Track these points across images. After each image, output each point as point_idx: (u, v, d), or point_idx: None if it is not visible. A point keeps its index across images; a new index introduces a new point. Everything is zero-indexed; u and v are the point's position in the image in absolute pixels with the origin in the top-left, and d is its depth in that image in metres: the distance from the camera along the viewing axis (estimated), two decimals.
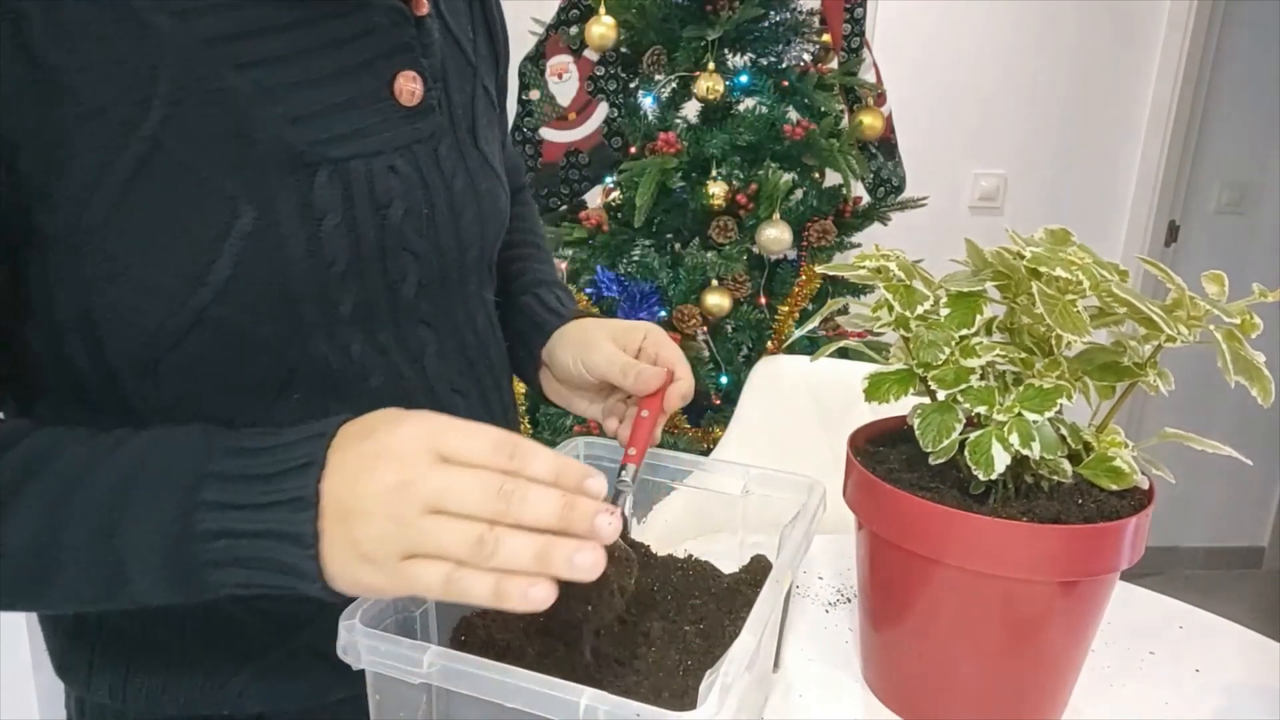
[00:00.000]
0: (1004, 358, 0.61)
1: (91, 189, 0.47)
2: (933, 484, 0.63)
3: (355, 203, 0.55)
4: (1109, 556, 0.59)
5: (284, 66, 0.52)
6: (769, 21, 1.75)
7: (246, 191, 0.51)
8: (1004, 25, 2.52)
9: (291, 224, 0.52)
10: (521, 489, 0.43)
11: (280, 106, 0.52)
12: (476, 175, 0.65)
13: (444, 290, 0.64)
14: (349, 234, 0.55)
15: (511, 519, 0.43)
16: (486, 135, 0.68)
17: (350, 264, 0.56)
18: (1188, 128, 2.66)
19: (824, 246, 1.77)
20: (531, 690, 0.45)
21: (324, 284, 0.55)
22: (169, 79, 0.48)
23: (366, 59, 0.56)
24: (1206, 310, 0.58)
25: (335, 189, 0.54)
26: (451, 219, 0.63)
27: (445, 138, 0.62)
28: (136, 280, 0.49)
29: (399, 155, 0.58)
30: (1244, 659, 0.76)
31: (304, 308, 0.55)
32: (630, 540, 0.72)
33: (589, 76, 1.77)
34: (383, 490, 0.43)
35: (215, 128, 0.50)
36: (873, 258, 0.65)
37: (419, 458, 0.43)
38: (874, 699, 0.69)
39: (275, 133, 0.51)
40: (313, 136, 0.53)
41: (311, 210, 0.53)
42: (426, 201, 0.60)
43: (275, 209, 0.52)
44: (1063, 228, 0.65)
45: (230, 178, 0.50)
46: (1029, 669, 0.62)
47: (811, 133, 1.70)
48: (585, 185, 1.83)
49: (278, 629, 0.62)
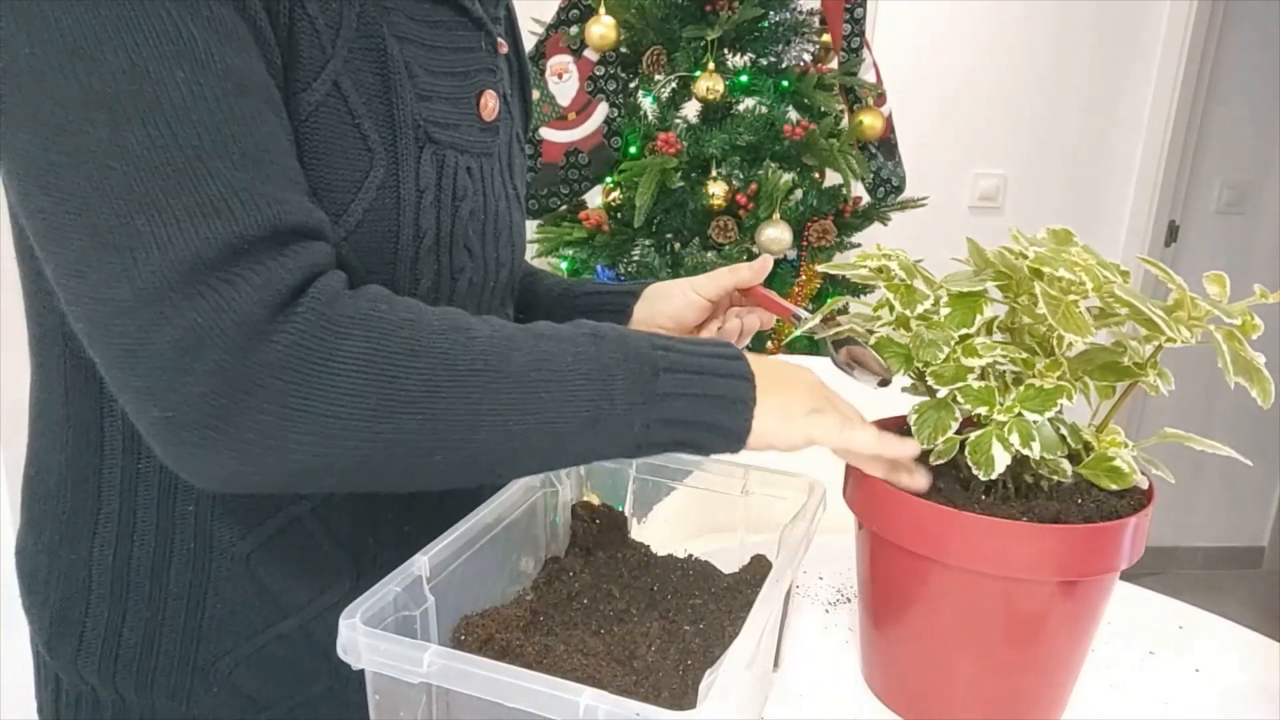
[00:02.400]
0: (1004, 357, 0.61)
1: (291, 97, 0.52)
2: (932, 484, 0.63)
3: (443, 188, 0.61)
4: (1109, 556, 0.59)
5: (421, 51, 0.59)
6: (769, 21, 1.75)
7: (384, 147, 0.57)
8: (1004, 25, 2.52)
9: (408, 188, 0.58)
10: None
11: (414, 81, 0.58)
12: (512, 204, 0.72)
13: (484, 296, 0.70)
14: (436, 213, 0.61)
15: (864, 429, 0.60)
16: (519, 176, 0.75)
17: (435, 242, 0.61)
18: (1188, 128, 2.66)
19: (824, 246, 1.77)
20: (531, 690, 0.45)
21: (416, 254, 0.60)
22: (350, 26, 0.54)
23: (466, 70, 0.63)
24: (1207, 311, 0.58)
25: (433, 168, 0.60)
26: (494, 233, 0.69)
27: (499, 162, 0.69)
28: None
29: (474, 160, 0.64)
30: (1244, 659, 0.76)
31: (399, 272, 0.59)
32: (630, 540, 0.72)
33: (589, 76, 1.77)
34: (803, 382, 0.60)
35: (374, 84, 0.56)
36: (874, 257, 0.65)
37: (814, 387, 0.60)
38: (874, 699, 0.69)
39: (410, 103, 0.58)
40: (429, 117, 0.59)
41: (419, 181, 0.59)
42: (484, 210, 0.67)
43: (399, 171, 0.58)
44: (1065, 228, 0.65)
45: (375, 132, 0.56)
46: (1029, 669, 0.62)
47: (811, 133, 1.70)
48: (585, 185, 1.82)
49: (270, 611, 0.63)
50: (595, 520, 0.73)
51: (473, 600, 0.61)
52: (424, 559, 0.56)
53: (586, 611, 0.63)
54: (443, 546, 0.58)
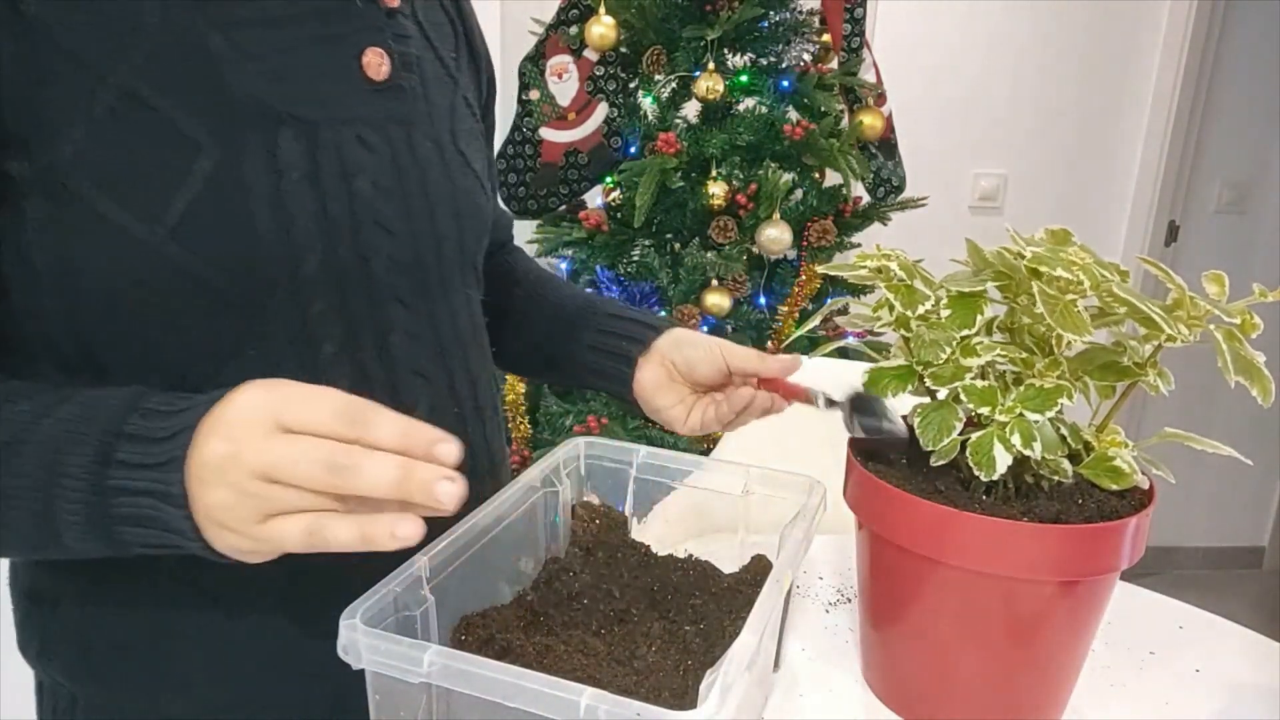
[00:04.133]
0: (1004, 358, 0.61)
1: (62, 129, 0.50)
2: (933, 484, 0.63)
3: (320, 164, 0.58)
4: (1109, 556, 0.59)
5: (259, 30, 0.56)
6: (769, 21, 1.76)
7: (211, 137, 0.53)
8: (1004, 25, 2.52)
9: (255, 174, 0.55)
10: (356, 459, 0.43)
11: (254, 64, 0.55)
12: (454, 171, 0.68)
13: (421, 273, 0.66)
14: (312, 194, 0.57)
15: (346, 491, 0.43)
16: (469, 142, 0.71)
17: (315, 225, 0.58)
18: (1188, 128, 2.66)
19: (824, 246, 1.77)
20: (531, 690, 0.45)
21: (286, 241, 0.57)
22: (149, 34, 0.52)
23: (337, 33, 0.60)
24: (1207, 310, 0.58)
25: (299, 146, 0.57)
26: (426, 205, 0.65)
27: (420, 126, 0.65)
28: (103, 220, 0.52)
29: (369, 129, 0.61)
30: (1244, 659, 0.76)
31: (266, 263, 0.56)
32: (630, 540, 0.72)
33: (589, 76, 1.77)
34: (215, 461, 0.44)
35: (189, 80, 0.53)
36: (874, 257, 0.65)
37: (252, 428, 0.44)
38: (874, 699, 0.69)
39: (248, 88, 0.55)
40: (283, 94, 0.56)
41: (275, 163, 0.56)
42: (397, 180, 0.63)
43: (240, 158, 0.54)
44: (1063, 228, 0.65)
45: (196, 123, 0.53)
46: (1029, 669, 0.62)
47: (811, 133, 1.70)
48: (585, 185, 1.83)
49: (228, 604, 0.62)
50: (595, 520, 0.73)
51: (473, 600, 0.61)
52: (424, 559, 0.56)
53: (587, 611, 0.63)
54: (443, 546, 0.58)
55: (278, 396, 0.45)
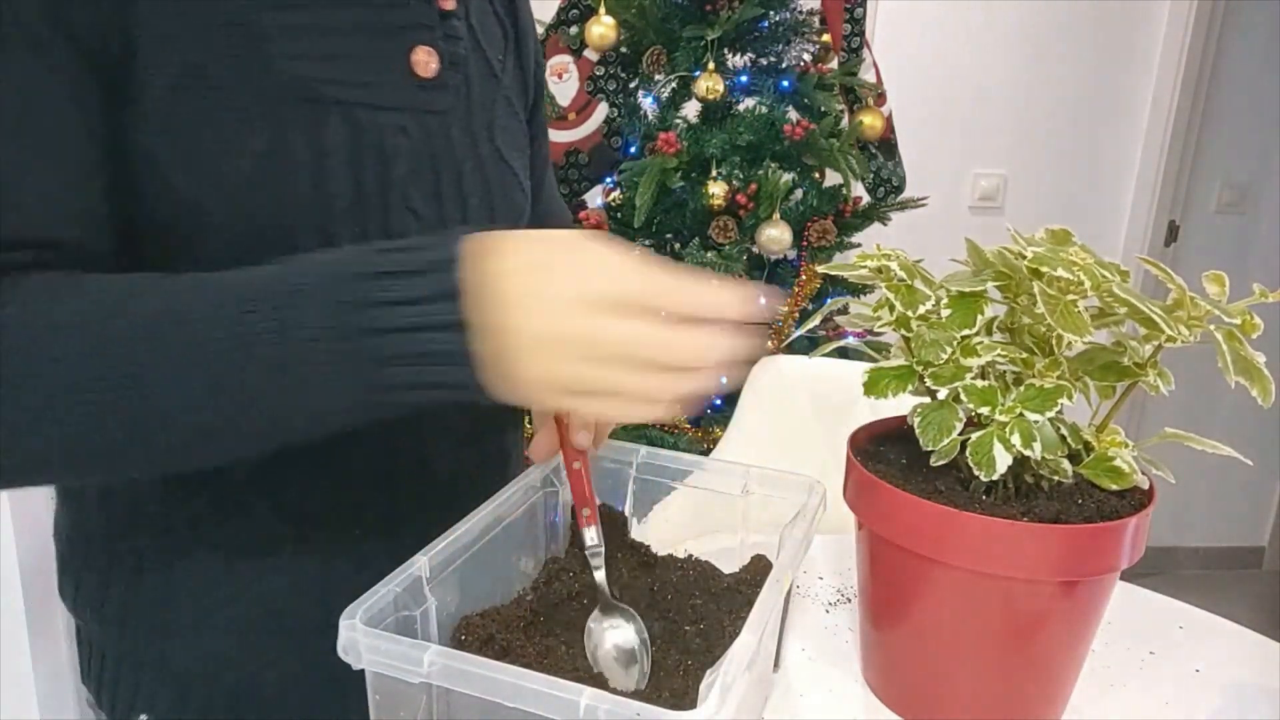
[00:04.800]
0: (1005, 358, 0.61)
1: (145, 85, 0.53)
2: (933, 484, 0.63)
3: (361, 149, 0.60)
4: (1109, 556, 0.59)
5: (310, 14, 0.58)
6: (769, 21, 1.76)
7: (262, 116, 0.56)
8: (1004, 25, 2.52)
9: (302, 151, 0.57)
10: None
11: (302, 45, 0.57)
12: (489, 167, 0.70)
13: None
14: (351, 176, 0.59)
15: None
16: (507, 141, 0.73)
17: (352, 204, 0.60)
18: (1188, 128, 2.66)
19: (824, 246, 1.77)
20: (531, 690, 0.45)
21: (329, 216, 0.59)
22: (200, 14, 0.54)
23: (390, 27, 0.62)
24: (1207, 310, 0.58)
25: (343, 131, 0.59)
26: (458, 196, 0.67)
27: (459, 122, 0.67)
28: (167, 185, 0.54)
29: (410, 119, 0.63)
30: (1244, 659, 0.76)
31: (305, 232, 0.58)
32: (630, 540, 0.72)
33: (589, 76, 1.77)
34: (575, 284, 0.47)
35: (241, 59, 0.55)
36: (874, 257, 0.65)
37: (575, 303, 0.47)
38: (874, 699, 0.69)
39: (295, 69, 0.57)
40: (329, 77, 0.58)
41: (322, 144, 0.58)
42: (432, 170, 0.64)
43: (287, 138, 0.57)
44: (1063, 228, 0.65)
45: (252, 101, 0.55)
46: (1029, 669, 0.62)
47: (811, 133, 1.70)
48: (585, 185, 1.83)
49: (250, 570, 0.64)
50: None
51: (473, 600, 0.61)
52: (424, 559, 0.56)
53: (586, 611, 0.63)
54: (443, 546, 0.58)
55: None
